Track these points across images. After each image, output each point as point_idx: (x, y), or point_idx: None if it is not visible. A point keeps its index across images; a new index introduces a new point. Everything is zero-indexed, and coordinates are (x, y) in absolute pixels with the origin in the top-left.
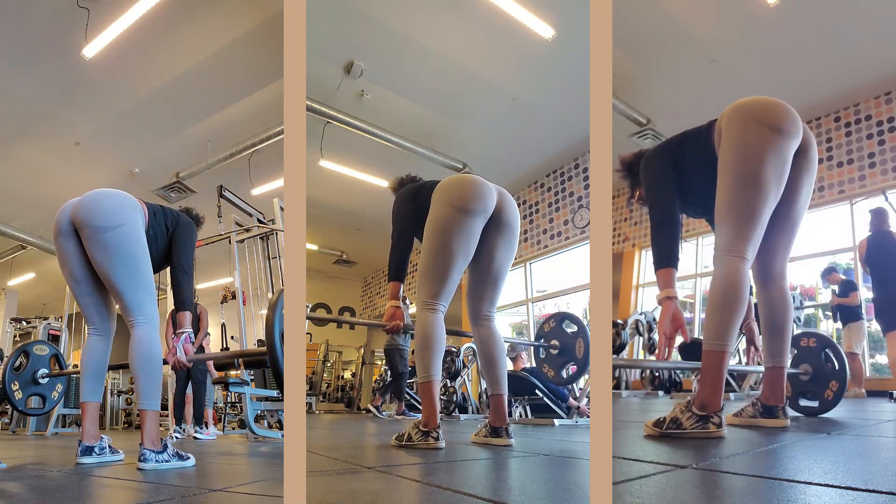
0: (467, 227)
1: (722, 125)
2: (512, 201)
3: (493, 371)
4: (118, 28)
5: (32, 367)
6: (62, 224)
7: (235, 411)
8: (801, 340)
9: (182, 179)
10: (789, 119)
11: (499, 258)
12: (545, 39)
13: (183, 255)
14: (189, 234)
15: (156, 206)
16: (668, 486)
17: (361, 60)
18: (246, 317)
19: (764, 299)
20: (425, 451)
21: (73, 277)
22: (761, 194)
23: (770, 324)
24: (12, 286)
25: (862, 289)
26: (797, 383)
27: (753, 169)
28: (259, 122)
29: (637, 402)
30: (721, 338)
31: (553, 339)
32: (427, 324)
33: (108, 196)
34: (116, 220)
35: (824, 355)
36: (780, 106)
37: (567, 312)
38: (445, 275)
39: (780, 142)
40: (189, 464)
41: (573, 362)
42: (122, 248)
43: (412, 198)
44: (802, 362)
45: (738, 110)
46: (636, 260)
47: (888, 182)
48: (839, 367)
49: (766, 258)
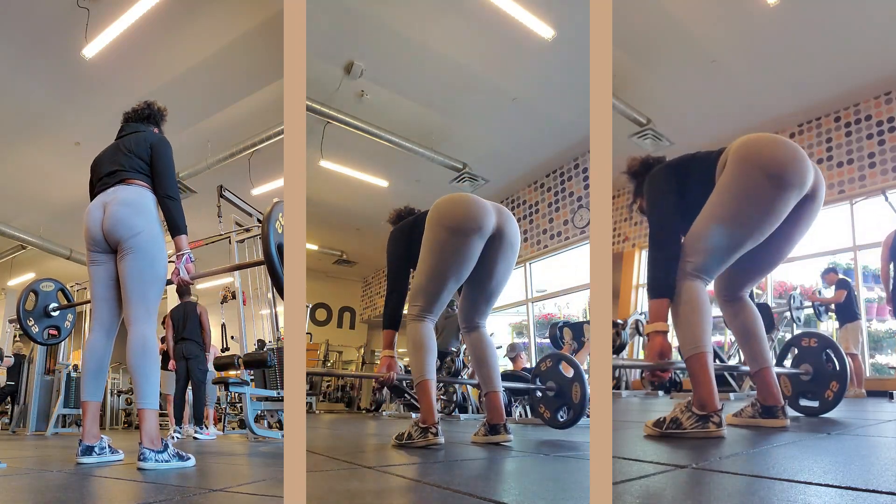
0: (461, 248)
1: (727, 158)
2: (512, 219)
3: (484, 370)
4: (118, 28)
5: (43, 302)
6: (96, 237)
7: (235, 411)
8: (803, 340)
9: (182, 179)
10: (794, 168)
11: (497, 275)
12: (545, 39)
13: (167, 181)
14: (166, 153)
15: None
16: (668, 486)
17: (361, 60)
18: (246, 317)
19: (730, 313)
20: (425, 451)
21: (104, 283)
22: (737, 241)
23: (742, 331)
24: (12, 286)
25: (862, 288)
26: (798, 383)
27: (738, 216)
28: (259, 122)
29: (637, 402)
30: (695, 341)
31: (549, 379)
32: (417, 331)
33: (127, 205)
34: (137, 227)
35: (825, 355)
36: (788, 150)
37: (564, 355)
38: (436, 295)
39: (778, 195)
40: (189, 464)
41: (569, 406)
42: (144, 249)
43: (408, 233)
44: (803, 362)
45: (743, 149)
46: (636, 260)
47: (888, 182)
48: (840, 368)
49: (735, 282)
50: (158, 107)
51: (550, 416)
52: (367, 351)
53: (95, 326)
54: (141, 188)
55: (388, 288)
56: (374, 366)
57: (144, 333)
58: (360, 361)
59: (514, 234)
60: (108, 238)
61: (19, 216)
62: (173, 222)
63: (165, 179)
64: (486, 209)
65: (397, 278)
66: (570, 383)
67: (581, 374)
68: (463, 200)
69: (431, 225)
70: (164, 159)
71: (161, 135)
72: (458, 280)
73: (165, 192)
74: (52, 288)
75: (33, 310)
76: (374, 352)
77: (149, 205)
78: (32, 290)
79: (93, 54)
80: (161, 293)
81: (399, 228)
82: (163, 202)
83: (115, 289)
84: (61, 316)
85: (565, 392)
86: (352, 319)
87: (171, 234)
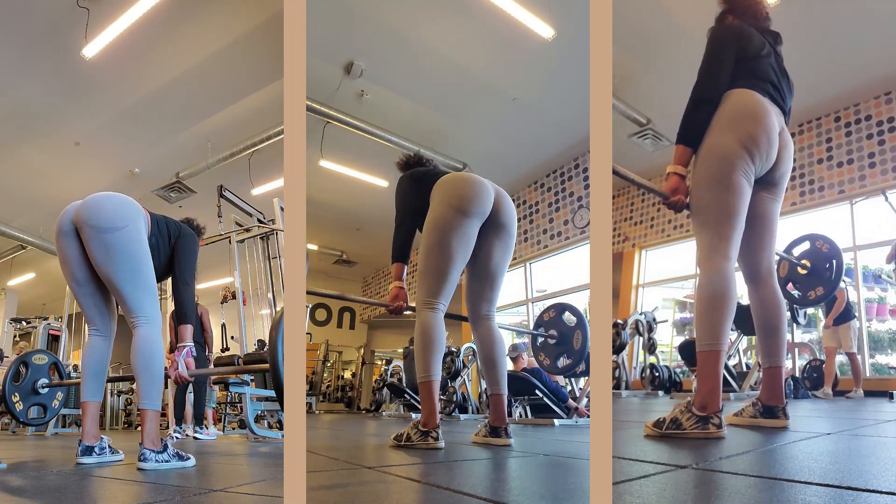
0: (465, 228)
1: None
2: (509, 201)
3: (492, 371)
4: (118, 28)
5: (32, 377)
6: (64, 224)
7: (235, 411)
8: (817, 242)
9: (182, 179)
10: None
11: (496, 257)
12: (545, 39)
13: (185, 267)
14: (191, 246)
15: (159, 216)
16: (668, 486)
17: (361, 60)
18: (246, 317)
19: (755, 301)
20: (425, 451)
21: (74, 278)
22: (734, 194)
23: (763, 324)
24: (12, 286)
25: (862, 288)
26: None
27: (725, 171)
28: (259, 122)
29: (637, 402)
30: (713, 337)
31: (552, 328)
32: (427, 323)
33: (110, 199)
34: (119, 222)
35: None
36: (759, 105)
37: (568, 304)
38: (445, 273)
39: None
40: (189, 464)
41: (569, 353)
42: (124, 250)
43: (417, 181)
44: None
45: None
46: (636, 260)
47: (888, 182)
48: (834, 277)
49: (749, 258)
50: (197, 223)
51: (550, 363)
52: (368, 351)
53: (91, 329)
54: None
55: (397, 223)
56: (375, 366)
57: (149, 335)
58: (360, 361)
59: (510, 216)
60: (84, 225)
61: (19, 216)
62: (182, 309)
63: (185, 268)
64: (488, 190)
65: (406, 214)
66: (573, 331)
67: (583, 321)
68: (470, 182)
69: (438, 203)
70: (187, 249)
71: (192, 231)
72: (464, 257)
73: (183, 276)
74: (45, 361)
75: (21, 384)
76: (374, 352)
77: (137, 211)
78: (23, 361)
79: (93, 54)
80: (156, 295)
81: (410, 176)
82: (176, 285)
83: (95, 285)
84: (50, 394)
85: (567, 339)
86: (352, 319)
87: (178, 321)
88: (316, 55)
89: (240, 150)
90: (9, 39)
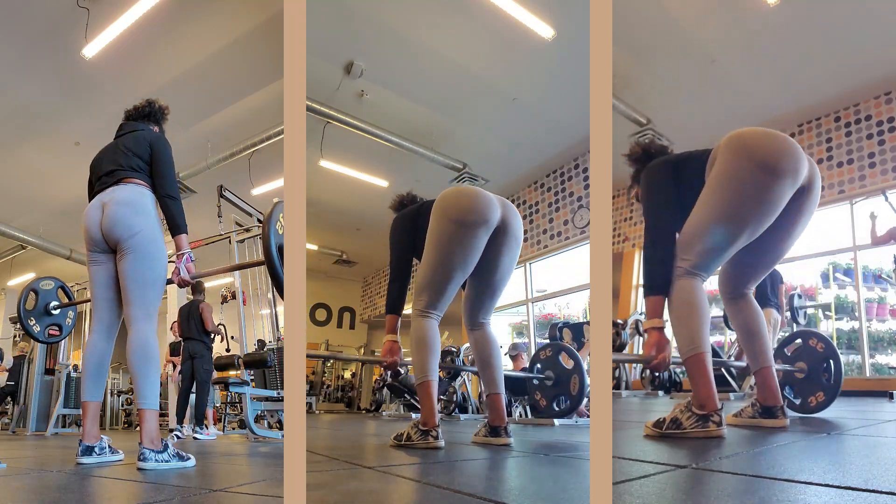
0: (467, 240)
1: (716, 154)
2: (516, 212)
3: (488, 372)
4: (118, 28)
5: (43, 300)
6: (95, 237)
7: (235, 411)
8: (810, 339)
9: (182, 179)
10: (787, 158)
11: (501, 269)
12: (545, 39)
13: (167, 182)
14: (166, 152)
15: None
16: (668, 486)
17: (361, 60)
18: (246, 317)
19: (733, 311)
20: (425, 451)
21: (104, 283)
22: (733, 234)
23: (744, 329)
24: (12, 286)
25: (862, 288)
26: (788, 376)
27: (732, 209)
28: (259, 122)
29: (637, 402)
30: (693, 342)
31: (548, 368)
32: (422, 328)
33: (126, 204)
34: (136, 227)
35: (825, 364)
36: (779, 141)
37: (565, 345)
38: (443, 288)
39: (771, 183)
40: (189, 464)
41: (566, 397)
42: (143, 249)
43: (412, 220)
44: (801, 360)
45: (732, 142)
46: (636, 260)
47: (888, 182)
48: (834, 382)
49: (737, 280)
50: (160, 105)
51: (546, 405)
52: (367, 351)
53: (96, 327)
54: (140, 187)
55: (391, 273)
56: (375, 366)
57: (145, 334)
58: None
59: (517, 228)
60: (107, 238)
61: (19, 216)
62: (173, 221)
63: (165, 179)
64: (491, 202)
65: (400, 267)
66: (570, 375)
67: (581, 365)
68: (469, 193)
69: (437, 217)
70: (163, 158)
71: (161, 134)
72: (463, 273)
73: (165, 191)
74: (52, 286)
75: (34, 308)
76: (374, 352)
77: (148, 204)
78: (32, 289)
79: (93, 54)
80: (161, 293)
81: (403, 216)
82: (163, 201)
83: (116, 289)
84: (62, 314)
85: (564, 382)
86: (352, 319)
87: (172, 233)
88: (316, 55)
89: (240, 150)
90: (9, 39)
